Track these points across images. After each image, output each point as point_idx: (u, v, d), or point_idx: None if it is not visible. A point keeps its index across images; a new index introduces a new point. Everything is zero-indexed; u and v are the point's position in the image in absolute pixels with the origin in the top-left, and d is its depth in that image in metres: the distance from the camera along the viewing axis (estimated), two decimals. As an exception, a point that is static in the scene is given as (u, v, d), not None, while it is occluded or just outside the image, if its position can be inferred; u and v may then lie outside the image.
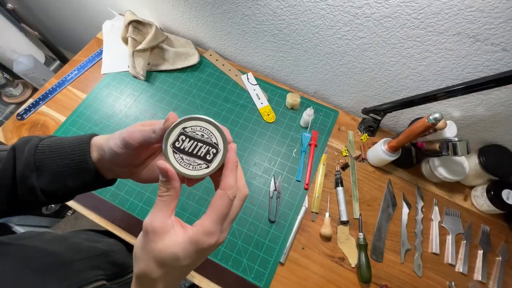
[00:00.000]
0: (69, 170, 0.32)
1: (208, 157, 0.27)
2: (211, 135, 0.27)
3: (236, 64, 0.91)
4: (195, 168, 0.27)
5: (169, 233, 0.24)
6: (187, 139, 0.27)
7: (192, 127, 0.27)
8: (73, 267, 0.37)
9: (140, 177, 0.35)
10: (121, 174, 0.35)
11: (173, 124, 0.26)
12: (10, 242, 0.34)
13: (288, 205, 0.70)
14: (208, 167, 0.27)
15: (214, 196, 0.25)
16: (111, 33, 0.91)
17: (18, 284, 0.29)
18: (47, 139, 0.34)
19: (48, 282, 0.32)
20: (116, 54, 0.88)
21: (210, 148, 0.27)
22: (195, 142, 0.27)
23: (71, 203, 0.67)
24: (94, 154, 0.33)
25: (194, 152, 0.27)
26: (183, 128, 0.26)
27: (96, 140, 0.34)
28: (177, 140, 0.27)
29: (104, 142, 0.32)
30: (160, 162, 0.25)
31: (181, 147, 0.27)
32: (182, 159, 0.27)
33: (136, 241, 0.27)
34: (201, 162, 0.27)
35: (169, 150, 0.26)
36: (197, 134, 0.27)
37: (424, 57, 0.60)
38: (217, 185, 0.28)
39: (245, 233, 0.66)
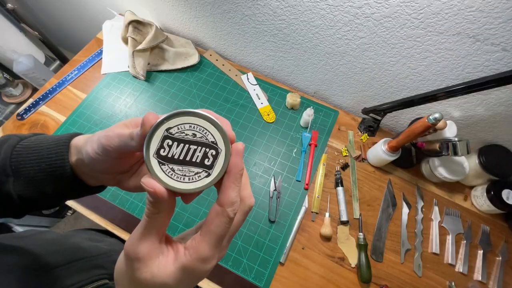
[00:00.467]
0: (45, 176, 0.28)
1: (206, 162, 0.21)
2: (205, 133, 0.21)
3: (236, 64, 0.91)
4: (192, 179, 0.21)
5: (157, 259, 0.20)
6: (175, 143, 0.20)
7: (179, 126, 0.20)
8: (75, 267, 0.37)
9: (128, 186, 0.29)
10: (105, 181, 0.30)
11: (152, 127, 0.20)
12: (8, 244, 0.33)
13: (288, 205, 0.70)
14: (209, 175, 0.21)
15: (211, 212, 0.20)
16: (111, 33, 0.91)
17: None
18: (28, 139, 0.30)
19: (49, 284, 0.31)
20: (116, 54, 0.88)
21: (207, 149, 0.21)
22: (187, 145, 0.21)
23: (71, 203, 0.67)
24: (73, 158, 0.28)
25: (188, 158, 0.21)
26: (167, 130, 0.20)
27: (76, 141, 0.29)
28: (161, 147, 0.20)
29: (83, 145, 0.27)
30: (145, 180, 0.20)
31: (169, 155, 0.20)
32: (173, 171, 0.20)
33: (116, 264, 0.22)
34: (199, 169, 0.21)
35: (153, 162, 0.20)
36: (187, 135, 0.20)
37: (424, 57, 0.60)
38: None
39: (245, 233, 0.66)
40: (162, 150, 0.20)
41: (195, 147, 0.21)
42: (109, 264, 0.42)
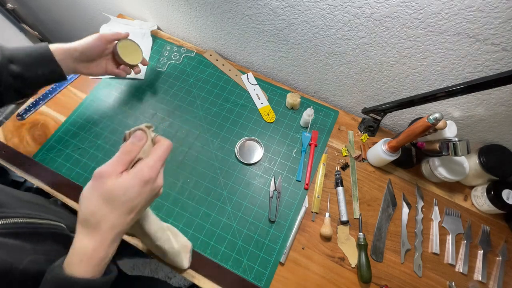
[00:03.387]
0: (32, 60, 0.54)
1: None
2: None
3: (236, 64, 0.91)
4: None
5: (119, 176, 0.30)
6: None
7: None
8: (39, 209, 0.48)
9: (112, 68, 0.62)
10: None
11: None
12: None
13: (288, 205, 0.70)
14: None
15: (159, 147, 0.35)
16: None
17: None
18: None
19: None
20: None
21: None
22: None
23: (71, 203, 0.67)
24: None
25: None
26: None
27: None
28: None
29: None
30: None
31: None
32: None
33: (84, 187, 0.31)
34: None
35: None
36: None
37: (424, 57, 0.60)
38: None
39: (245, 233, 0.66)
40: None
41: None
42: (67, 219, 0.51)
